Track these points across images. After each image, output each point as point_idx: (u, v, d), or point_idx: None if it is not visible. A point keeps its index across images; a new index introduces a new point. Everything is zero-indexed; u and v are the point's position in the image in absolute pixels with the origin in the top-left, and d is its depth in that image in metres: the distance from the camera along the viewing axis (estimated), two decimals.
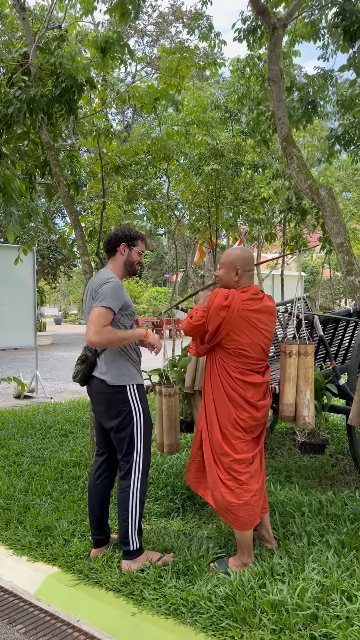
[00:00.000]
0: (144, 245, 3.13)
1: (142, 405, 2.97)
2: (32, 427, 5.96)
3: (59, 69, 4.33)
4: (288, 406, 2.91)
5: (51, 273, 23.93)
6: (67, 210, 4.71)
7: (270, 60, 4.29)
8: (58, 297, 41.59)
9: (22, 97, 4.12)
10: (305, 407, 2.87)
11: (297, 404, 2.91)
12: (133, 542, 2.91)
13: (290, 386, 2.91)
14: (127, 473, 2.94)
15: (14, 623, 2.72)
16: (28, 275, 8.39)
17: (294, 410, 2.92)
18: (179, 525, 3.43)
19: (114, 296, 2.82)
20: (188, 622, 2.50)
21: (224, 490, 2.80)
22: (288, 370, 2.91)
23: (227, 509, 2.81)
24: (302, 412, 2.90)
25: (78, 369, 3.06)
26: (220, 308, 2.75)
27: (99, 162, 6.32)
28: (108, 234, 3.14)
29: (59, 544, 3.23)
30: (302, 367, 2.92)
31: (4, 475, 4.34)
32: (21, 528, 3.47)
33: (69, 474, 4.36)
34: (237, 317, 2.75)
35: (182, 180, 10.45)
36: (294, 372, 2.91)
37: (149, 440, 3.00)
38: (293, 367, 2.91)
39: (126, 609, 2.65)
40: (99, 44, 4.48)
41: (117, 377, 2.93)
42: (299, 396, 2.90)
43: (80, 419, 6.32)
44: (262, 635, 2.33)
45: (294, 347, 2.88)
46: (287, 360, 2.92)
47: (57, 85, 4.31)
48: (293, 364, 2.90)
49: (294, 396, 2.93)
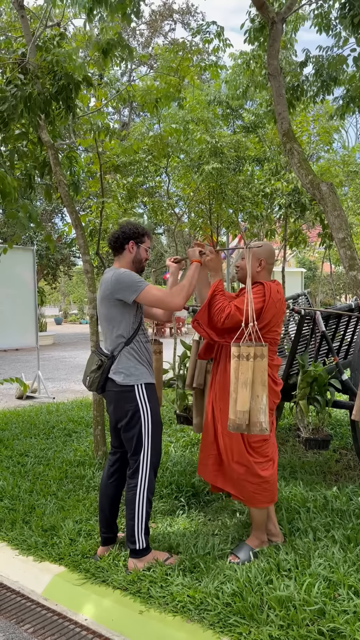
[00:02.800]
0: (150, 240, 3.11)
1: (151, 404, 2.96)
2: (36, 427, 5.96)
3: (55, 67, 4.32)
4: (243, 413, 2.69)
5: (51, 273, 23.92)
6: (68, 209, 4.71)
7: (269, 55, 4.28)
8: (58, 297, 41.58)
9: (18, 94, 4.11)
10: (262, 412, 2.69)
11: (252, 409, 2.70)
12: (139, 541, 2.91)
13: (247, 392, 2.73)
14: (135, 472, 2.94)
15: (21, 623, 2.72)
16: (28, 275, 8.39)
17: (247, 418, 2.71)
18: (184, 523, 3.43)
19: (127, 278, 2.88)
20: (195, 619, 2.50)
21: (258, 469, 2.90)
22: (245, 375, 2.70)
23: (261, 486, 2.90)
24: (259, 418, 2.69)
25: (94, 377, 3.01)
26: (277, 300, 2.88)
27: (98, 161, 6.31)
28: (113, 231, 3.11)
29: (65, 544, 3.23)
30: (259, 371, 2.71)
31: (8, 476, 4.34)
32: (27, 528, 3.47)
33: (73, 474, 4.36)
34: (280, 308, 2.92)
35: (182, 178, 10.44)
36: (251, 376, 2.71)
37: (157, 440, 2.99)
38: (250, 371, 2.71)
39: (133, 607, 2.65)
40: (100, 46, 4.47)
41: (126, 376, 2.94)
42: (254, 401, 2.69)
43: (84, 418, 6.32)
44: (269, 631, 2.33)
45: (251, 350, 2.70)
46: (243, 364, 2.70)
47: (54, 84, 4.30)
48: (250, 367, 2.71)
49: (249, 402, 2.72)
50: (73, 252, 23.53)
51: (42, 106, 4.34)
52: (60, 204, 18.66)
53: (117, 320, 2.95)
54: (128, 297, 2.87)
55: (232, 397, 2.71)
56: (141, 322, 3.02)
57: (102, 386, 3.01)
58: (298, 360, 3.94)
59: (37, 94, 4.25)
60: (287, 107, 4.41)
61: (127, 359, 2.95)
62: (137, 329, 2.97)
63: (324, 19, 5.31)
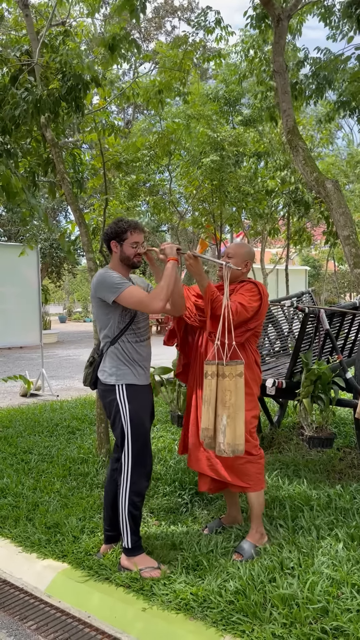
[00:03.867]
0: (137, 234, 2.92)
1: (131, 406, 2.90)
2: (40, 425, 5.97)
3: (64, 67, 4.32)
4: (204, 430, 2.67)
5: (55, 271, 23.95)
6: (72, 207, 4.70)
7: (275, 52, 4.27)
8: (62, 295, 41.63)
9: (29, 98, 4.12)
10: (221, 433, 2.62)
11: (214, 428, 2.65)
12: (126, 539, 2.91)
13: (205, 409, 2.67)
14: (119, 472, 2.95)
15: (25, 620, 2.72)
16: (32, 273, 8.40)
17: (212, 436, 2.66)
18: (188, 521, 3.43)
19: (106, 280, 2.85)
20: (198, 616, 2.50)
21: (254, 450, 2.99)
22: (206, 392, 2.68)
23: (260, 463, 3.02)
24: (218, 439, 2.63)
25: (87, 373, 3.08)
26: (267, 298, 3.05)
27: (100, 158, 6.31)
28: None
29: (68, 541, 3.23)
30: (220, 390, 2.66)
31: (12, 473, 4.35)
32: (30, 525, 3.48)
33: (76, 471, 4.36)
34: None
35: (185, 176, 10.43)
36: (209, 394, 2.67)
37: (140, 442, 2.92)
38: (209, 389, 2.67)
39: (136, 605, 2.65)
40: (106, 42, 4.46)
41: (109, 376, 2.94)
42: (215, 420, 2.64)
43: (87, 416, 6.33)
44: (272, 629, 2.33)
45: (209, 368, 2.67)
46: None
47: (63, 84, 4.31)
48: (208, 385, 2.67)
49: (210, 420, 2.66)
50: (77, 250, 23.54)
51: (52, 107, 4.35)
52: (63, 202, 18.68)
53: (102, 320, 2.95)
54: (108, 298, 2.84)
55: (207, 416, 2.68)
56: (130, 323, 2.94)
57: (94, 382, 3.07)
58: (302, 359, 3.93)
59: (46, 95, 4.25)
60: (292, 104, 4.39)
61: (111, 359, 2.94)
62: (123, 330, 2.92)
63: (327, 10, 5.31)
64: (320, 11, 5.34)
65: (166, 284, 2.80)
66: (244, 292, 2.99)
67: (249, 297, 2.95)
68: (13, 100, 4.17)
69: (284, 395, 4.42)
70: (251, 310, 2.94)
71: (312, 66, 5.55)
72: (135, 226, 2.93)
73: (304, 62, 5.65)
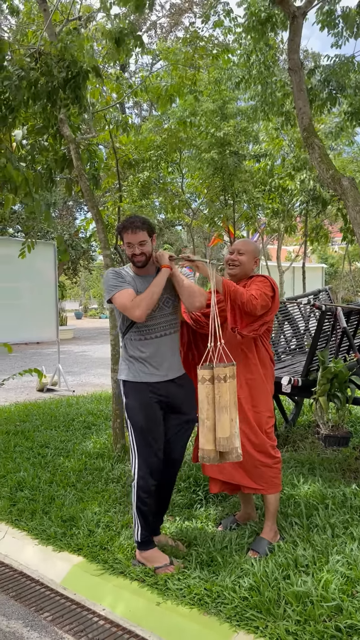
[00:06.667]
0: (128, 234, 2.85)
1: (128, 401, 2.95)
2: (56, 420, 6.03)
3: (64, 53, 4.24)
4: (226, 440, 2.54)
5: (71, 268, 24.07)
6: (89, 204, 4.73)
7: (290, 50, 4.24)
8: (78, 291, 41.86)
9: (22, 74, 3.99)
10: (237, 437, 2.54)
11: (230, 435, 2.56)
12: (136, 533, 2.95)
13: (227, 416, 2.55)
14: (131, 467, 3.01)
15: (41, 611, 2.77)
16: (49, 269, 8.47)
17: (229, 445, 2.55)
18: (202, 517, 3.44)
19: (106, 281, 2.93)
20: (212, 612, 2.52)
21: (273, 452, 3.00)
22: (225, 398, 2.55)
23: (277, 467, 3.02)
24: (235, 444, 2.55)
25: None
26: (278, 290, 3.06)
27: (114, 155, 6.33)
28: None
29: (83, 534, 3.27)
30: (233, 392, 2.60)
31: (29, 467, 4.40)
32: (46, 518, 3.52)
33: (92, 466, 4.40)
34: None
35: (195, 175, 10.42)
36: (228, 399, 2.57)
37: (140, 439, 2.92)
38: (228, 394, 2.57)
39: (151, 599, 2.67)
40: (113, 35, 4.45)
41: (119, 372, 3.05)
42: (232, 426, 2.55)
43: (103, 411, 6.37)
44: (286, 626, 2.33)
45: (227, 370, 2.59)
46: (221, 386, 2.57)
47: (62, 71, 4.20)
48: (227, 389, 2.57)
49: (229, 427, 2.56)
50: (92, 247, 23.64)
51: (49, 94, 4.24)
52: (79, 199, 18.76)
53: (116, 315, 3.05)
54: (105, 297, 2.96)
55: (207, 424, 2.58)
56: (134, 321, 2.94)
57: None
58: (318, 357, 3.91)
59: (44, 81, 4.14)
60: (308, 102, 4.36)
61: (122, 352, 3.06)
62: (128, 327, 2.95)
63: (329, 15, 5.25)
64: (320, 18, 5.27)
65: (150, 292, 2.81)
66: (256, 283, 3.01)
67: (263, 286, 2.97)
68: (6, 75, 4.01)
69: (300, 393, 4.41)
70: (269, 298, 2.95)
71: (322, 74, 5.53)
72: (126, 227, 2.86)
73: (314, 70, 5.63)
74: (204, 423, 2.61)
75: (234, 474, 3.05)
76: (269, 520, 3.06)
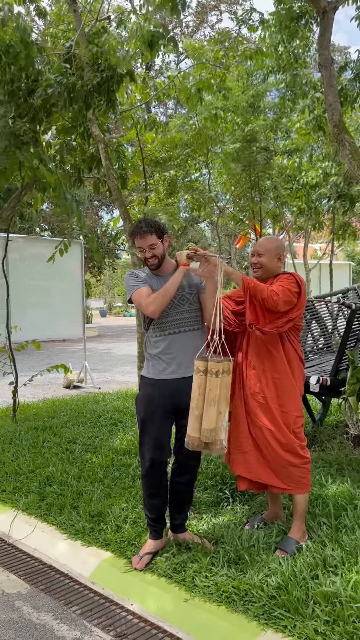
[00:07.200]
0: (137, 240, 2.95)
1: (138, 394, 3.11)
2: (83, 416, 6.10)
3: (100, 58, 4.32)
4: (210, 432, 2.62)
5: (96, 266, 24.27)
6: (117, 203, 4.77)
7: (320, 45, 4.20)
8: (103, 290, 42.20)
9: (63, 81, 4.12)
10: (224, 430, 2.62)
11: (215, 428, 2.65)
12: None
13: (214, 409, 2.63)
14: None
15: (70, 604, 2.81)
16: (77, 268, 8.56)
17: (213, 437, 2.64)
18: (229, 515, 3.44)
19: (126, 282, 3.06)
20: (240, 610, 2.52)
21: (302, 452, 2.98)
22: (213, 392, 2.63)
23: (306, 468, 2.99)
24: (220, 436, 2.62)
25: None
26: (305, 287, 3.01)
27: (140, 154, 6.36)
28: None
29: (111, 530, 3.30)
30: (225, 387, 2.65)
31: (57, 462, 4.47)
32: (75, 513, 3.56)
33: (119, 462, 4.44)
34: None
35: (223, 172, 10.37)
36: (218, 393, 2.64)
37: (142, 431, 3.03)
38: (218, 388, 2.64)
39: (178, 595, 2.69)
40: (146, 38, 4.48)
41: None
42: (218, 419, 2.63)
43: (129, 408, 6.42)
44: (315, 626, 2.32)
45: (220, 366, 2.63)
46: (212, 380, 2.63)
47: (97, 75, 4.29)
48: (218, 384, 2.63)
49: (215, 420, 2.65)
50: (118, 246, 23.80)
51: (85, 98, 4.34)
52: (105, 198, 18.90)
53: (140, 313, 3.14)
54: (127, 298, 3.06)
55: (195, 413, 2.68)
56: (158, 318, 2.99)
57: None
58: (348, 356, 3.87)
59: (80, 85, 4.25)
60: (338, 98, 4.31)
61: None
62: (148, 324, 3.05)
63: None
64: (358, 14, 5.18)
65: (164, 289, 2.89)
66: (280, 280, 2.98)
67: (287, 282, 2.93)
68: (47, 83, 4.16)
69: (329, 392, 4.36)
70: (294, 294, 2.91)
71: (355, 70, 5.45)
72: (134, 233, 2.95)
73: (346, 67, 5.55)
74: (193, 411, 2.70)
75: (261, 473, 3.04)
76: (297, 520, 3.04)
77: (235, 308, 3.11)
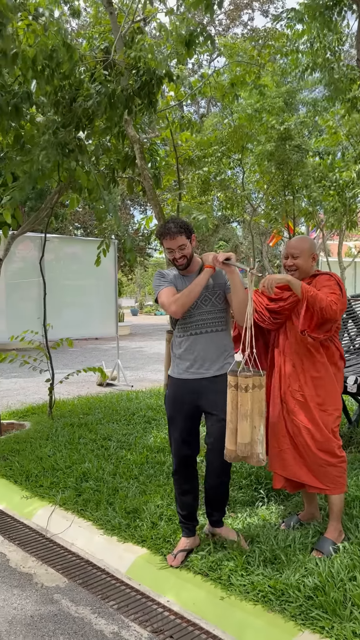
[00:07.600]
0: (166, 241, 2.95)
1: (166, 394, 3.18)
2: (117, 414, 6.17)
3: (139, 63, 4.40)
4: (245, 445, 2.66)
5: (128, 265, 24.45)
6: (152, 202, 4.80)
7: (358, 40, 4.13)
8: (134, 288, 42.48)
9: (102, 91, 4.22)
10: (260, 443, 2.65)
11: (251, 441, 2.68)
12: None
13: (247, 423, 2.65)
14: None
15: (107, 599, 2.85)
16: (110, 266, 8.65)
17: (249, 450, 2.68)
18: (264, 515, 3.44)
19: (153, 282, 3.14)
20: (277, 609, 2.51)
21: (338, 452, 2.96)
22: (245, 407, 2.65)
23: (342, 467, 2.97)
24: (257, 450, 2.66)
25: None
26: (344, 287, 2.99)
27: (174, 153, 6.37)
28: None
29: (147, 526, 3.34)
30: (257, 401, 2.67)
31: (93, 458, 4.53)
32: (111, 509, 3.61)
33: (153, 459, 4.48)
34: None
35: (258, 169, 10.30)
36: (250, 407, 2.66)
37: (169, 427, 3.12)
38: (249, 403, 2.65)
39: (215, 593, 2.70)
40: (183, 38, 4.50)
41: None
42: (253, 433, 2.66)
43: (161, 406, 6.46)
44: (353, 628, 2.30)
45: (249, 381, 2.63)
46: (242, 395, 2.66)
47: (137, 80, 4.38)
48: (249, 399, 2.65)
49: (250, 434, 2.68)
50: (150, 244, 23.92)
51: (125, 102, 4.43)
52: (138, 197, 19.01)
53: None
54: (154, 295, 3.11)
55: (230, 427, 2.70)
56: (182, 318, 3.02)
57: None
58: None
59: (120, 90, 4.34)
60: None
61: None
62: (174, 324, 3.10)
63: None
64: None
65: (188, 289, 2.91)
66: (326, 286, 2.92)
67: (334, 288, 2.89)
68: (87, 93, 4.26)
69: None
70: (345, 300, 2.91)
71: None
72: (164, 234, 2.94)
73: None
74: (228, 425, 2.73)
75: (297, 471, 3.02)
76: (334, 520, 3.02)
77: (269, 305, 3.08)
